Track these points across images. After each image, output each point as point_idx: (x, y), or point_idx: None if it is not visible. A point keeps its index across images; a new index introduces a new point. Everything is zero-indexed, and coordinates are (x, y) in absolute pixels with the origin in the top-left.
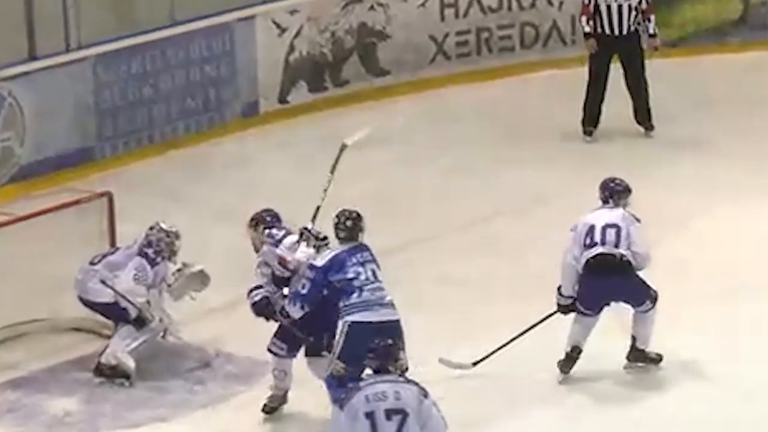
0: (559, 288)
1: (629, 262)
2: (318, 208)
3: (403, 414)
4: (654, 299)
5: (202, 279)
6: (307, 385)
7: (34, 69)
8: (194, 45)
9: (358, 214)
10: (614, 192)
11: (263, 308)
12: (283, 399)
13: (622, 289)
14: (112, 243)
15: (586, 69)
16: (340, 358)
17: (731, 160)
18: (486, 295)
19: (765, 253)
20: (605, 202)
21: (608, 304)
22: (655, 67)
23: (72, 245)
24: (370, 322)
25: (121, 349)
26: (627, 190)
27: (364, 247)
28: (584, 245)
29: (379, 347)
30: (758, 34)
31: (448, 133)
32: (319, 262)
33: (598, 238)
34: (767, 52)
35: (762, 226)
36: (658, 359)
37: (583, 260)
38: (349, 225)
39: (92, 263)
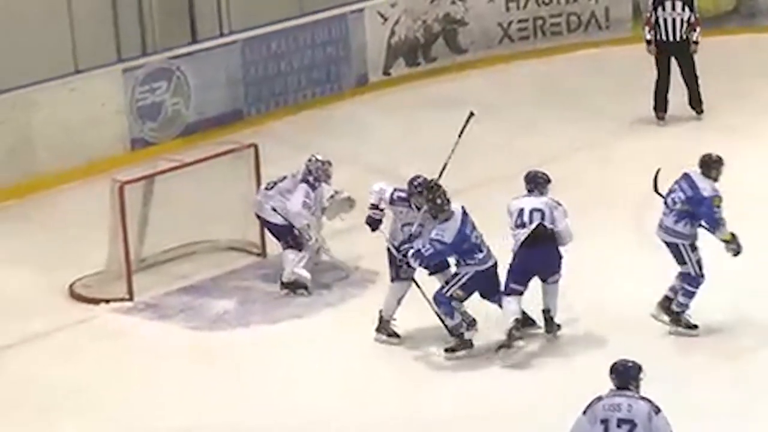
0: None
1: (553, 236)
2: (445, 166)
3: (632, 424)
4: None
5: (350, 203)
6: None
7: (196, 50)
8: (318, 31)
9: (444, 193)
10: (537, 183)
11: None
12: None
13: (547, 258)
14: (258, 182)
15: (617, 48)
16: (463, 289)
17: (727, 122)
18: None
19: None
20: (530, 191)
21: (534, 275)
22: None
23: (227, 185)
24: (488, 267)
25: (295, 266)
26: (548, 181)
27: (463, 211)
28: (516, 225)
29: (620, 367)
30: (747, 22)
31: (511, 98)
32: (448, 238)
33: (526, 219)
34: (756, 35)
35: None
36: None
37: (519, 238)
38: (439, 203)
39: (267, 188)
